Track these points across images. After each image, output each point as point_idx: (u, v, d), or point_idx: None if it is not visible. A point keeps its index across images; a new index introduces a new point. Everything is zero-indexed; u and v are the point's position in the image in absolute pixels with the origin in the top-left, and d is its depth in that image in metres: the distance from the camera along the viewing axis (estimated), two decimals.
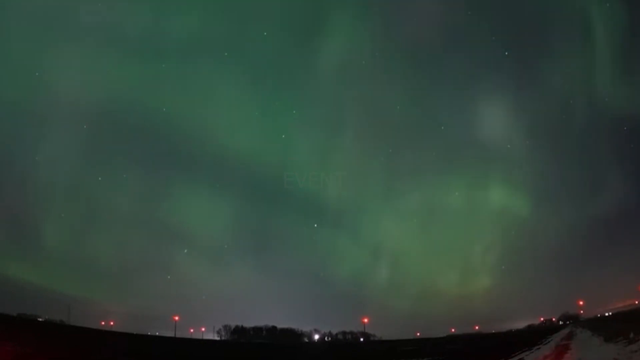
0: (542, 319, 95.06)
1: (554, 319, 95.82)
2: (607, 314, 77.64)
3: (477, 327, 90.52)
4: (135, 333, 53.85)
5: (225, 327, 76.14)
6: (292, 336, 78.11)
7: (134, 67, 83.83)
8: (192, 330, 73.66)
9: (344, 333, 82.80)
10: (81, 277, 77.00)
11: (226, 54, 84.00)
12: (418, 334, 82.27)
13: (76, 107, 78.09)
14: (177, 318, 68.72)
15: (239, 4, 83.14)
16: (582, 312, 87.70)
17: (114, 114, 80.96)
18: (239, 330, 76.11)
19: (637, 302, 71.65)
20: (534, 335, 55.20)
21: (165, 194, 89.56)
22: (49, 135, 78.02)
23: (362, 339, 79.19)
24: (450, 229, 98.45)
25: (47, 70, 75.80)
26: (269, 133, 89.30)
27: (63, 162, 79.48)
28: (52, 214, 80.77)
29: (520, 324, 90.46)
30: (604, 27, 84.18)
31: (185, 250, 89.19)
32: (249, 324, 77.79)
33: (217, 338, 74.19)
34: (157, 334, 63.92)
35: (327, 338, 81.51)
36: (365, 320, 76.69)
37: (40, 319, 51.16)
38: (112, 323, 66.62)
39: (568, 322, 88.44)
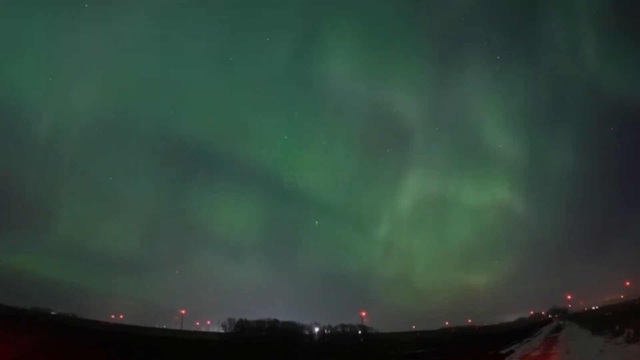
0: (531, 312, 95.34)
1: (543, 313, 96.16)
2: (594, 308, 77.95)
3: (469, 320, 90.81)
4: (143, 326, 54.09)
5: (229, 320, 76.27)
6: (293, 329, 78.29)
7: (140, 71, 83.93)
8: (198, 324, 73.86)
9: (342, 326, 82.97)
10: (93, 271, 77.14)
11: (231, 58, 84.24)
12: (414, 327, 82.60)
13: (86, 108, 78.37)
14: (183, 312, 68.88)
15: (243, 10, 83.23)
16: (570, 305, 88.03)
17: (123, 116, 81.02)
18: (243, 324, 76.23)
19: (622, 297, 71.98)
20: (524, 328, 55.52)
21: (173, 192, 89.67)
22: (61, 136, 78.19)
23: (360, 332, 79.46)
24: (444, 225, 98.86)
25: (60, 75, 76.26)
26: (270, 133, 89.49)
27: (75, 162, 79.68)
28: (66, 211, 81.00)
29: (511, 318, 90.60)
30: (595, 29, 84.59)
31: (193, 247, 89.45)
32: (252, 317, 77.99)
33: (221, 331, 74.42)
34: (164, 327, 64.09)
35: (327, 331, 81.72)
36: (364, 313, 76.93)
37: (52, 312, 51.24)
38: (121, 317, 66.75)
39: (557, 316, 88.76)
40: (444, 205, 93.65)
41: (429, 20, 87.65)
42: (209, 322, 74.41)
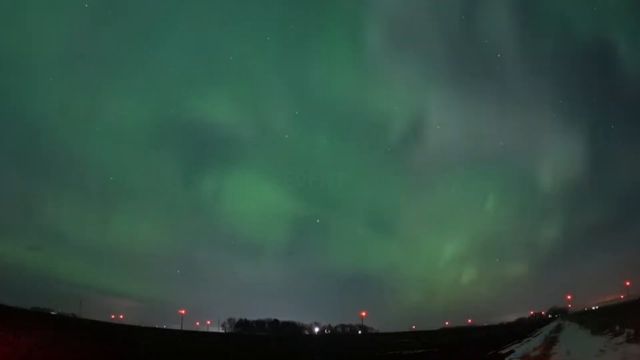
0: (531, 312, 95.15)
1: (543, 313, 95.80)
2: (594, 308, 77.51)
3: (469, 320, 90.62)
4: (144, 326, 53.80)
5: (229, 320, 76.17)
6: (293, 329, 78.02)
7: (141, 71, 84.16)
8: (197, 324, 73.72)
9: (342, 326, 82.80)
10: (94, 269, 77.47)
11: (231, 58, 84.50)
12: (414, 327, 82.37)
13: (86, 106, 78.70)
14: (183, 312, 68.79)
15: (244, 12, 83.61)
16: (570, 305, 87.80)
17: (126, 113, 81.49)
18: (243, 323, 76.04)
19: (622, 297, 71.57)
20: (523, 328, 55.08)
21: (175, 193, 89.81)
22: (63, 134, 78.48)
23: (359, 332, 79.10)
24: (446, 224, 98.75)
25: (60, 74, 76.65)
26: (271, 133, 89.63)
27: (77, 161, 79.95)
28: (70, 209, 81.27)
29: (511, 317, 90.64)
30: (589, 33, 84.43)
31: (193, 247, 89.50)
32: (251, 317, 77.88)
33: (221, 331, 74.18)
34: (164, 327, 63.92)
35: (327, 331, 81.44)
36: (363, 313, 76.71)
37: (53, 312, 51.13)
38: (121, 316, 66.67)
39: (557, 316, 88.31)
40: (446, 204, 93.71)
41: (429, 20, 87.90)
42: (208, 322, 74.35)
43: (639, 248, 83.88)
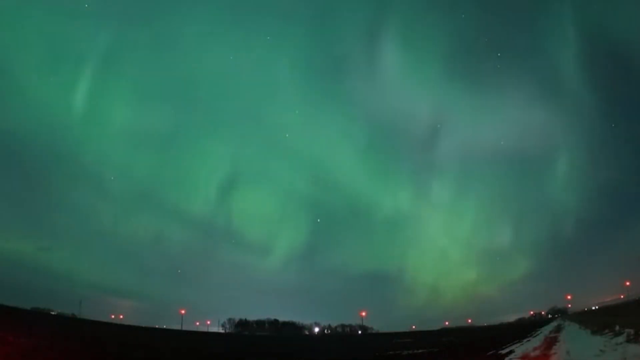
0: (531, 312, 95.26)
1: (543, 313, 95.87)
2: (594, 308, 77.57)
3: (469, 320, 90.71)
4: (144, 326, 53.79)
5: (229, 320, 76.19)
6: (293, 329, 77.99)
7: (140, 74, 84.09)
8: (197, 324, 73.83)
9: (342, 326, 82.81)
10: (95, 268, 77.58)
11: (231, 57, 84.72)
12: (414, 327, 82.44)
13: (87, 105, 78.58)
14: (183, 312, 68.83)
15: (245, 12, 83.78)
16: (570, 305, 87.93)
17: (129, 116, 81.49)
18: (243, 323, 76.05)
19: (622, 297, 71.58)
20: (524, 328, 55.07)
21: (175, 191, 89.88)
22: (65, 133, 78.57)
23: (360, 332, 79.07)
24: (446, 223, 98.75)
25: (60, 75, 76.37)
26: (272, 132, 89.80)
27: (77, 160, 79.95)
28: (71, 209, 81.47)
29: (511, 317, 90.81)
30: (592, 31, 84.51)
31: (193, 247, 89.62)
32: (251, 317, 77.91)
33: (221, 330, 74.18)
34: (164, 327, 63.95)
35: (327, 331, 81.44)
36: (363, 313, 76.77)
37: (53, 312, 51.14)
38: (121, 316, 66.71)
39: (557, 316, 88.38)
40: (446, 202, 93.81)
41: (429, 20, 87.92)
42: (208, 322, 74.45)
43: (638, 248, 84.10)
